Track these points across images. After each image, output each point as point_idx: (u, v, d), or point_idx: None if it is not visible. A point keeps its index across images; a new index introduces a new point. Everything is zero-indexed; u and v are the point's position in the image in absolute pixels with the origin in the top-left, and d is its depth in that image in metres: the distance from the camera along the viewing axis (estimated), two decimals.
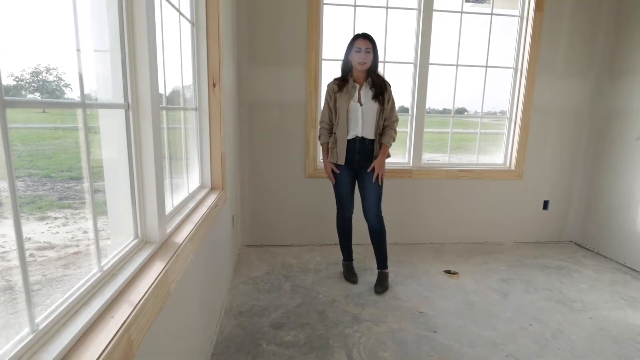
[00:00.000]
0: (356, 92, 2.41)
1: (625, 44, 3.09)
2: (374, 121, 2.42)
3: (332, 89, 2.46)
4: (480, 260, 3.09)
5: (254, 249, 3.16)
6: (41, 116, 1.00)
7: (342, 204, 2.62)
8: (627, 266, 3.05)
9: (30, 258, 1.16)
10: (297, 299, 2.37)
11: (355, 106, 2.40)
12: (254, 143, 3.09)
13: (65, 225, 1.28)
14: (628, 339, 2.06)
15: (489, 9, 3.25)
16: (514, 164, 3.41)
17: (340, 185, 2.54)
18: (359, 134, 2.44)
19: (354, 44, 2.34)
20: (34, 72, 0.87)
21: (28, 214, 1.17)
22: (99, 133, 1.13)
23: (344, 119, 2.41)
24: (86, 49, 0.98)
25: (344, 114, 2.40)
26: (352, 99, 2.40)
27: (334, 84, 2.45)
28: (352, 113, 2.41)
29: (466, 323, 2.16)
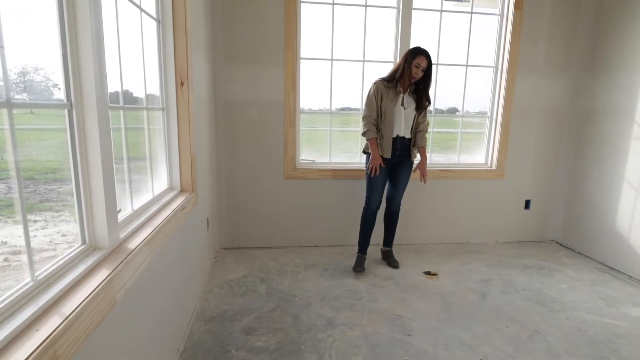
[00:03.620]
0: (401, 96, 2.66)
1: (604, 42, 3.09)
2: (412, 123, 2.73)
3: (380, 88, 2.66)
4: (461, 260, 3.06)
5: (232, 252, 3.10)
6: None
7: (373, 195, 2.77)
8: (607, 265, 3.05)
9: None
10: (272, 302, 2.32)
11: (400, 109, 2.67)
12: (231, 143, 3.03)
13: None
14: (604, 339, 2.04)
15: (469, 8, 3.22)
16: (495, 163, 3.40)
17: (379, 177, 2.72)
18: (400, 133, 2.70)
19: (416, 58, 2.56)
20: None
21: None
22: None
23: (391, 119, 2.65)
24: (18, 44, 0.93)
25: (391, 115, 2.65)
26: (397, 103, 2.66)
27: (383, 85, 2.66)
28: (397, 115, 2.67)
29: (442, 325, 2.13)
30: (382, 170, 2.72)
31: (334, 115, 3.23)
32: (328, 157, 3.26)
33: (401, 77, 2.62)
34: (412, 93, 2.70)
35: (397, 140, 2.70)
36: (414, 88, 2.69)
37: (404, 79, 2.63)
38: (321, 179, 3.17)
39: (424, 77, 2.61)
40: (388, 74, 2.71)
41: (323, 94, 3.19)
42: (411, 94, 2.70)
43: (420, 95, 2.69)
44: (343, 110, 3.33)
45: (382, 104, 2.65)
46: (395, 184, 2.84)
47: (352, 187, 3.22)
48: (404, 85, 2.66)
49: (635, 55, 2.81)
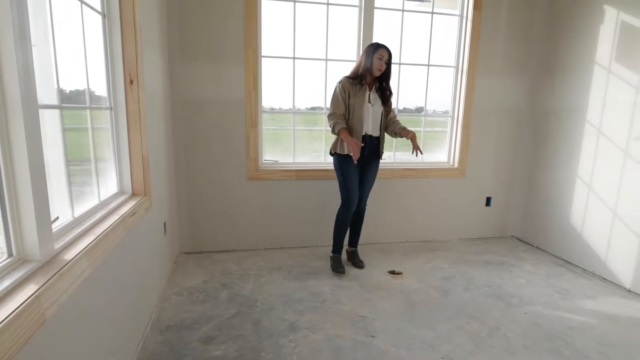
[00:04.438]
0: (367, 94, 2.64)
1: (558, 44, 3.20)
2: (380, 120, 2.71)
3: (347, 86, 2.62)
4: (425, 258, 3.09)
5: (193, 256, 3.00)
6: None
7: (350, 196, 2.72)
8: (562, 259, 3.16)
9: None
10: (233, 308, 2.25)
11: (368, 106, 2.64)
12: (190, 144, 2.92)
13: None
14: (559, 333, 2.10)
15: (430, 8, 3.26)
16: (457, 162, 3.45)
17: (351, 177, 2.69)
18: (368, 131, 2.67)
19: (378, 51, 2.56)
20: None
21: None
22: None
23: (360, 117, 2.61)
24: None
25: (360, 112, 2.61)
26: (365, 100, 2.62)
27: (349, 83, 2.62)
28: (365, 112, 2.63)
29: (405, 325, 2.12)
30: (354, 170, 2.68)
31: (299, 114, 3.18)
32: (292, 157, 3.21)
33: (365, 72, 2.60)
34: (376, 90, 2.70)
35: (365, 138, 2.66)
36: (378, 85, 2.69)
37: (368, 76, 2.62)
38: (285, 180, 3.12)
39: (385, 71, 2.61)
40: (351, 72, 2.68)
41: (287, 93, 3.13)
42: (376, 90, 2.69)
43: (383, 90, 2.70)
44: (313, 109, 3.28)
45: (349, 101, 2.61)
46: (363, 183, 2.80)
47: (317, 187, 3.19)
48: (369, 82, 2.66)
49: (586, 57, 2.92)
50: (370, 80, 2.67)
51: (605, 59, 2.77)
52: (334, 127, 2.61)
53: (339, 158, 2.69)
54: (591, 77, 2.89)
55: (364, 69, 2.60)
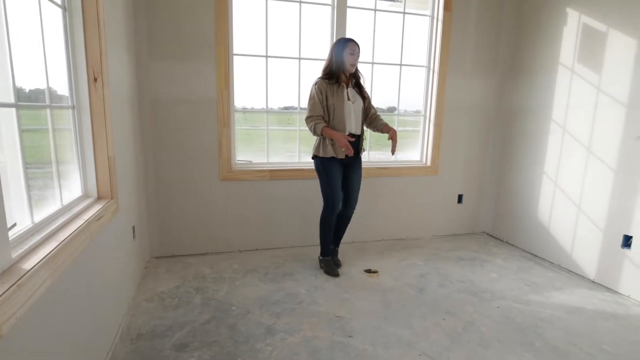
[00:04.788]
0: (345, 91, 2.58)
1: (524, 45, 3.30)
2: (361, 117, 2.67)
3: (323, 87, 2.54)
4: (400, 256, 3.12)
5: (164, 261, 2.90)
6: None
7: (334, 198, 2.66)
8: (531, 253, 3.26)
9: None
10: (207, 313, 2.18)
11: (349, 104, 2.58)
12: (160, 145, 2.83)
13: None
14: (530, 325, 2.16)
15: (402, 8, 3.29)
16: (429, 160, 3.50)
17: (334, 179, 2.63)
18: (352, 130, 2.62)
19: (348, 46, 2.51)
20: None
21: None
22: None
23: (341, 116, 2.55)
24: None
25: (341, 112, 2.54)
26: (344, 98, 2.56)
27: (325, 83, 2.55)
28: (347, 111, 2.57)
29: (382, 323, 2.13)
30: (337, 171, 2.62)
31: (272, 114, 3.14)
32: (266, 158, 3.16)
33: (338, 70, 2.55)
34: (353, 86, 2.66)
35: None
36: (354, 81, 2.67)
37: (343, 72, 2.57)
38: (259, 180, 3.07)
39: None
40: (324, 72, 2.60)
41: (260, 92, 3.08)
42: (353, 87, 2.66)
43: (360, 86, 2.68)
44: (286, 109, 3.24)
45: (328, 102, 2.54)
46: (351, 185, 2.72)
47: (292, 187, 3.15)
48: (344, 79, 2.62)
49: (551, 58, 3.02)
50: (346, 78, 2.63)
51: (568, 60, 2.88)
52: (315, 128, 2.53)
53: (322, 161, 2.62)
54: (556, 77, 2.99)
55: (337, 67, 2.54)
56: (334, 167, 2.60)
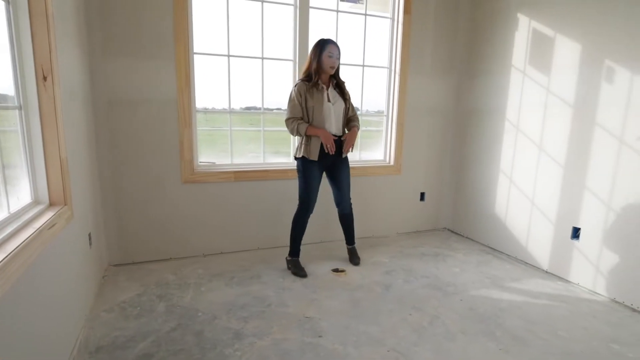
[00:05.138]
0: (325, 93, 2.60)
1: (479, 48, 3.44)
2: (342, 119, 2.69)
3: (303, 89, 2.56)
4: (366, 254, 3.16)
5: (124, 268, 2.77)
6: None
7: (309, 199, 2.68)
8: (489, 247, 3.41)
9: None
10: (172, 321, 2.11)
11: (328, 106, 2.60)
12: (117, 147, 2.70)
13: None
14: (492, 316, 2.25)
15: (363, 10, 3.33)
16: (393, 159, 3.57)
17: (312, 180, 2.65)
18: (332, 131, 2.63)
19: (326, 49, 2.53)
20: None
21: None
22: None
23: (321, 118, 2.57)
24: None
25: (320, 113, 2.56)
26: (324, 100, 2.58)
27: (304, 85, 2.57)
28: (326, 112, 2.59)
29: (351, 322, 2.14)
30: (316, 172, 2.65)
31: (235, 114, 3.08)
32: (230, 159, 3.10)
33: (318, 71, 2.56)
34: (334, 87, 2.68)
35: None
36: (335, 82, 2.68)
37: (324, 73, 2.59)
38: (223, 182, 3.00)
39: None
40: (304, 74, 2.62)
41: (222, 92, 3.02)
42: (334, 88, 2.67)
43: (341, 87, 2.69)
44: (249, 109, 3.19)
45: (307, 104, 2.56)
46: (339, 185, 2.79)
47: (257, 188, 3.11)
48: (325, 80, 2.63)
49: (504, 61, 3.18)
50: (327, 79, 2.64)
51: (520, 63, 3.04)
52: (298, 128, 2.56)
53: (302, 162, 2.65)
54: (509, 79, 3.14)
55: (316, 69, 2.55)
56: (313, 168, 2.63)
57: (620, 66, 2.37)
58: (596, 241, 2.55)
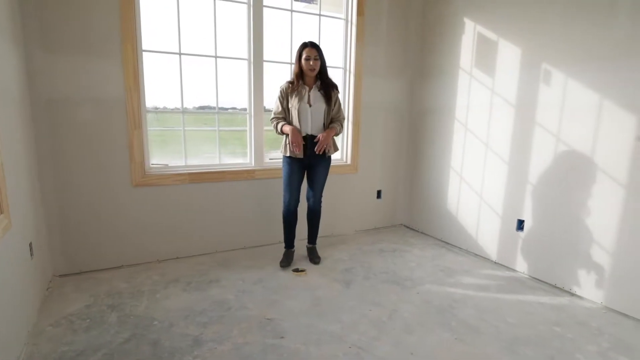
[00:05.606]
0: (306, 94, 2.68)
1: (429, 51, 3.57)
2: (322, 120, 2.75)
3: (284, 90, 2.71)
4: (326, 253, 3.18)
5: (71, 279, 2.60)
6: None
7: (289, 195, 2.80)
8: (443, 241, 3.56)
9: None
10: (126, 332, 2.01)
11: (305, 107, 2.68)
12: (60, 150, 2.52)
13: None
14: (447, 307, 2.35)
15: (317, 10, 3.35)
16: (350, 158, 3.63)
17: (292, 177, 2.76)
18: (308, 131, 2.72)
19: (304, 52, 2.62)
20: None
21: None
22: None
23: (296, 119, 2.67)
24: None
25: (296, 114, 2.66)
26: (302, 101, 2.67)
27: (287, 86, 2.71)
28: (302, 114, 2.68)
29: (313, 321, 2.15)
30: (297, 169, 2.76)
31: (188, 114, 2.99)
32: (184, 160, 3.00)
33: (300, 74, 2.66)
34: (320, 89, 2.72)
35: (306, 139, 2.71)
36: (320, 84, 2.72)
37: (306, 76, 2.67)
38: (177, 185, 2.90)
39: (320, 67, 2.66)
40: (292, 76, 2.76)
41: (174, 91, 2.91)
42: (320, 89, 2.72)
43: (326, 87, 2.72)
44: (203, 109, 3.11)
45: (287, 105, 2.70)
46: (312, 183, 2.87)
47: (214, 190, 3.04)
48: (309, 81, 2.71)
49: (453, 63, 3.32)
50: (311, 81, 2.71)
51: (467, 65, 3.19)
52: (276, 126, 2.72)
53: (284, 159, 2.79)
54: (457, 80, 3.29)
55: (298, 72, 2.67)
56: (292, 166, 2.75)
57: (556, 69, 2.56)
58: (538, 232, 2.74)
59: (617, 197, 2.29)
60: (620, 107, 2.25)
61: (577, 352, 1.93)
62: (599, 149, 2.36)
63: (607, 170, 2.33)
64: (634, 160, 2.20)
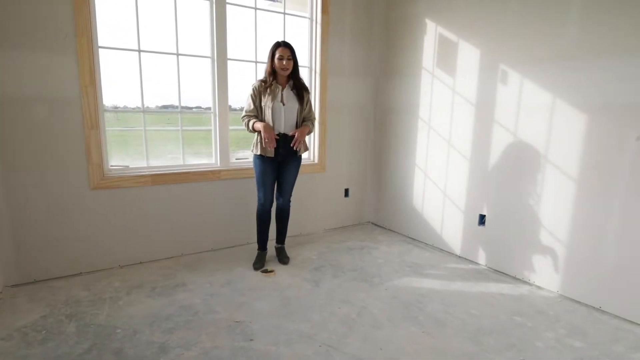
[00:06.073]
0: (279, 93, 2.67)
1: (393, 51, 3.64)
2: (295, 119, 2.75)
3: (257, 89, 2.69)
4: (295, 252, 3.17)
5: (25, 288, 2.45)
6: None
7: (263, 194, 2.80)
8: (410, 237, 3.64)
9: None
10: (86, 342, 1.91)
11: (279, 106, 2.67)
12: (10, 152, 2.36)
13: None
14: (414, 302, 2.40)
15: (282, 8, 3.32)
16: (317, 157, 3.63)
17: (266, 176, 2.75)
18: (281, 130, 2.70)
19: (277, 52, 2.61)
20: None
21: None
22: None
23: (269, 117, 2.65)
24: None
25: (270, 112, 2.64)
26: (275, 100, 2.66)
27: (259, 85, 2.69)
28: (276, 112, 2.67)
29: (282, 322, 2.14)
30: (270, 168, 2.75)
31: (150, 113, 2.89)
32: (145, 161, 2.90)
33: (272, 73, 2.66)
34: (293, 88, 2.72)
35: (279, 138, 2.69)
36: (293, 83, 2.72)
37: (279, 75, 2.67)
38: (139, 187, 2.80)
39: (293, 67, 2.66)
40: (265, 75, 2.72)
41: (134, 89, 2.81)
42: (292, 89, 2.72)
43: (299, 87, 2.73)
44: (165, 108, 3.01)
45: (260, 103, 2.69)
46: (282, 182, 2.86)
47: (177, 191, 2.96)
48: (282, 81, 2.70)
49: (415, 63, 3.40)
50: (283, 80, 2.71)
51: (429, 65, 3.27)
52: (248, 124, 2.69)
53: (254, 158, 2.77)
54: (420, 80, 3.37)
55: (270, 71, 2.66)
56: (264, 164, 2.73)
57: (512, 70, 2.67)
58: (497, 226, 2.85)
59: (568, 190, 2.43)
60: (570, 106, 2.38)
61: (537, 340, 2.02)
62: (552, 146, 2.49)
63: (560, 165, 2.46)
64: (584, 156, 2.34)
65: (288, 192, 2.91)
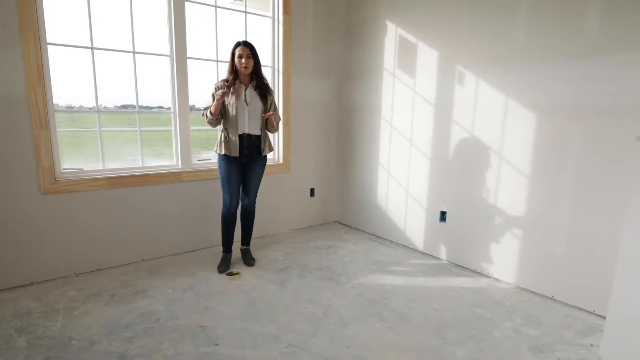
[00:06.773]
0: (243, 92, 2.64)
1: (354, 52, 3.68)
2: (259, 119, 2.72)
3: (219, 88, 2.62)
4: (260, 254, 3.14)
5: None
6: None
7: (230, 196, 2.77)
8: (375, 235, 3.69)
9: None
10: (38, 356, 1.80)
11: (243, 105, 2.65)
12: None
13: None
14: (379, 299, 2.44)
15: (243, 7, 3.28)
16: (281, 157, 3.62)
17: (231, 177, 2.72)
18: (245, 130, 2.68)
19: (236, 50, 2.60)
20: None
21: None
22: None
23: (234, 117, 2.63)
24: None
25: (234, 111, 2.62)
26: (239, 99, 2.63)
27: (222, 84, 2.64)
28: (240, 112, 2.64)
29: (248, 325, 2.11)
30: (235, 169, 2.72)
31: (106, 113, 2.76)
32: (101, 164, 2.77)
33: (234, 73, 2.63)
34: (256, 88, 2.70)
35: (243, 138, 2.67)
36: (256, 83, 2.70)
37: (241, 74, 2.64)
38: (95, 190, 2.68)
39: (253, 66, 2.64)
40: (227, 74, 2.69)
41: (88, 88, 2.67)
42: (256, 88, 2.70)
43: (262, 87, 2.72)
44: (124, 107, 2.89)
45: (224, 102, 2.63)
46: (247, 183, 2.83)
47: (136, 195, 2.85)
48: (245, 80, 2.67)
49: (377, 64, 3.45)
50: (246, 79, 2.67)
51: (391, 66, 3.34)
52: (206, 114, 2.63)
53: (218, 158, 2.73)
54: (382, 80, 3.43)
55: (231, 71, 2.63)
56: (229, 165, 2.70)
57: (468, 71, 2.77)
58: (457, 221, 2.95)
59: (521, 186, 2.55)
60: (522, 106, 2.50)
61: (495, 330, 2.11)
62: (506, 144, 2.61)
63: (513, 162, 2.58)
64: (535, 153, 2.47)
65: (253, 192, 2.88)
